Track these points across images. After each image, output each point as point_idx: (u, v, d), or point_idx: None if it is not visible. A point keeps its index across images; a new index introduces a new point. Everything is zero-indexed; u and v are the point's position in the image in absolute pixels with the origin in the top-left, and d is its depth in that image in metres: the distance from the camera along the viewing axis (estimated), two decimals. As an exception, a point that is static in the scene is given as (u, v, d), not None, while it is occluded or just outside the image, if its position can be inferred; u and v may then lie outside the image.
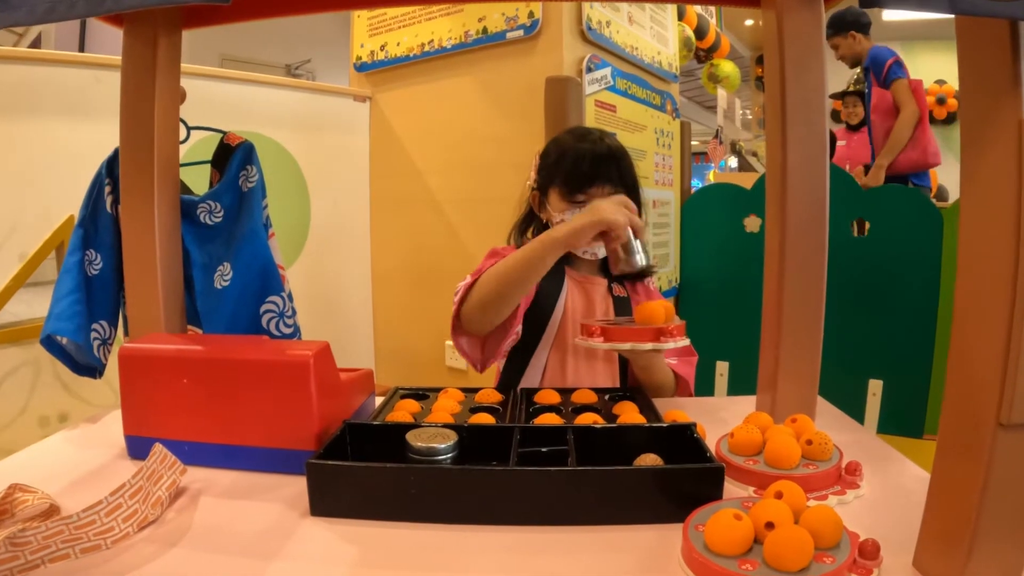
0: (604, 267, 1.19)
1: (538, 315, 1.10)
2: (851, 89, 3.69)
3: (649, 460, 0.66)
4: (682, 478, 0.62)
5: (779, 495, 0.58)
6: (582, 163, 1.09)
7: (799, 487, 0.59)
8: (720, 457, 0.72)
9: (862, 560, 0.52)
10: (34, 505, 0.61)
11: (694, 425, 0.72)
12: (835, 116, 3.88)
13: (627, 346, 0.89)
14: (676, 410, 0.85)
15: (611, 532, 0.60)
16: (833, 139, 3.61)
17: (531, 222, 1.21)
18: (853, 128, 3.70)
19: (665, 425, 0.73)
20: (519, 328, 1.06)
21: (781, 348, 0.88)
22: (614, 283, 1.17)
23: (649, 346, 0.89)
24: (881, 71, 2.79)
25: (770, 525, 0.53)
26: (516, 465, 0.63)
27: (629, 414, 0.81)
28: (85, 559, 0.54)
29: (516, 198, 1.23)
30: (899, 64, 2.79)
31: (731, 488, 0.68)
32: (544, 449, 0.67)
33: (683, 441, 0.70)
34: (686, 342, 0.92)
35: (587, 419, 0.78)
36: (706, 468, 0.62)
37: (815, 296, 0.88)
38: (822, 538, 0.52)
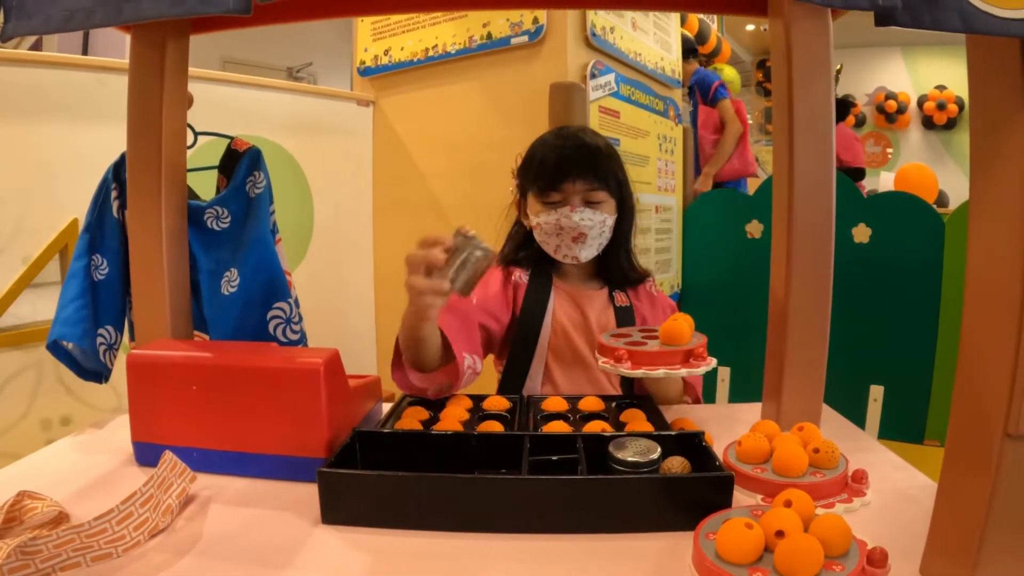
0: (602, 274, 1.14)
1: (526, 332, 1.06)
2: None
3: (676, 463, 0.66)
4: (692, 487, 0.62)
5: (788, 504, 0.58)
6: (549, 160, 1.03)
7: (808, 495, 0.59)
8: (728, 465, 0.72)
9: (870, 568, 0.52)
10: (43, 512, 0.61)
11: (702, 433, 0.72)
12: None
13: (659, 372, 0.82)
14: (683, 418, 0.86)
15: (621, 540, 0.60)
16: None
17: (521, 231, 1.14)
18: None
19: (674, 433, 0.73)
20: (478, 366, 0.95)
21: (787, 356, 0.88)
22: (616, 291, 1.12)
23: (683, 372, 0.83)
24: (708, 91, 3.09)
25: (780, 534, 0.53)
26: (527, 474, 0.63)
27: (637, 422, 0.81)
28: (96, 567, 0.54)
29: (509, 199, 1.18)
30: (723, 86, 3.10)
31: (739, 496, 0.68)
32: (555, 457, 0.67)
33: (692, 449, 0.70)
34: (715, 363, 0.85)
35: (595, 427, 0.78)
36: (716, 477, 0.62)
37: (821, 304, 0.88)
38: (831, 546, 0.52)
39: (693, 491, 0.62)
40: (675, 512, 0.61)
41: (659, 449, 0.66)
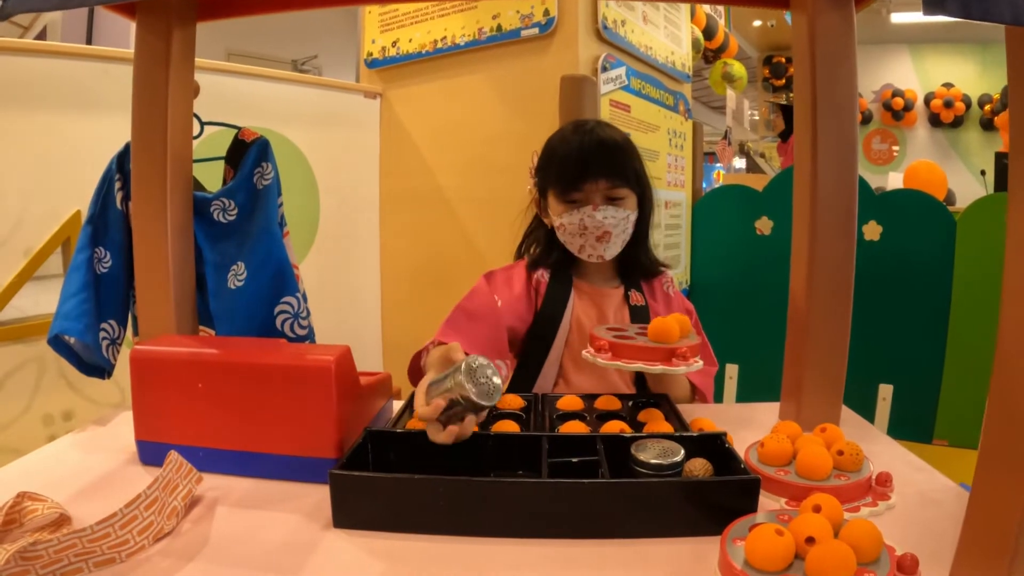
0: (620, 272, 1.13)
1: (543, 329, 1.05)
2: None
3: (698, 466, 0.64)
4: (718, 490, 0.60)
5: (818, 509, 0.56)
6: (569, 160, 1.01)
7: (836, 500, 0.57)
8: (750, 467, 0.70)
9: (901, 575, 0.50)
10: (44, 515, 0.59)
11: (724, 435, 0.70)
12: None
13: (636, 366, 0.82)
14: (702, 418, 0.83)
15: (644, 545, 0.58)
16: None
17: (540, 229, 1.13)
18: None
19: (695, 435, 0.71)
20: (504, 371, 0.99)
21: (807, 356, 0.86)
22: (631, 290, 1.10)
23: (659, 369, 0.81)
24: None
25: (811, 540, 0.51)
26: (547, 476, 0.61)
27: (655, 422, 0.79)
28: (99, 573, 0.53)
29: (528, 198, 1.16)
30: None
31: (762, 499, 0.66)
32: (575, 459, 0.65)
33: (714, 451, 0.68)
34: (699, 365, 0.83)
35: (613, 427, 0.76)
36: (742, 480, 0.60)
37: (842, 303, 0.86)
38: (863, 553, 0.51)
39: (719, 495, 0.60)
40: (699, 516, 0.59)
41: (682, 451, 0.64)
